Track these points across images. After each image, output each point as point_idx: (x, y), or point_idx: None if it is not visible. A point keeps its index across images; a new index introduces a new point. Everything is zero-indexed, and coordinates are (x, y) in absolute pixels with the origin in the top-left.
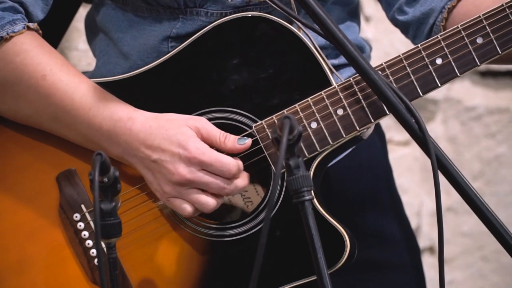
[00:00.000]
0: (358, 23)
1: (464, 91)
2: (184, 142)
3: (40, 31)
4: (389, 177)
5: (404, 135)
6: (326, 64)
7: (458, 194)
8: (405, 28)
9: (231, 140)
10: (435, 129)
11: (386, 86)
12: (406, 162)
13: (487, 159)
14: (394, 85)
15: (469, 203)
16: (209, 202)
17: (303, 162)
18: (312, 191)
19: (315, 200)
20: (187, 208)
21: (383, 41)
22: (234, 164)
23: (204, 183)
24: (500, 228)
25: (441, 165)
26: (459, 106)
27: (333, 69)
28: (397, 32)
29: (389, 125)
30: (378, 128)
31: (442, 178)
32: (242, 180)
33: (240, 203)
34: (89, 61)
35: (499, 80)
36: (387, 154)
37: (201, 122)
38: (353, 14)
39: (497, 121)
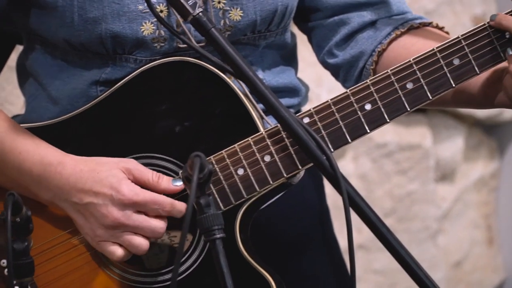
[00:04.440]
0: (295, 66)
1: None
2: (116, 184)
3: None
4: (325, 219)
5: None
6: (255, 110)
7: (371, 231)
8: (335, 71)
9: (165, 181)
10: (345, 167)
11: (297, 124)
12: None
13: (399, 196)
14: (323, 131)
15: (381, 240)
16: (143, 244)
17: (213, 201)
18: (239, 238)
19: (241, 247)
20: (117, 251)
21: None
22: (168, 201)
23: (137, 226)
24: (413, 264)
25: (353, 202)
26: (370, 143)
27: (263, 115)
28: None
29: None
30: (313, 169)
31: (353, 215)
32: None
33: (169, 249)
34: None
35: (410, 117)
36: (323, 196)
37: (132, 164)
38: (289, 57)
39: (409, 158)
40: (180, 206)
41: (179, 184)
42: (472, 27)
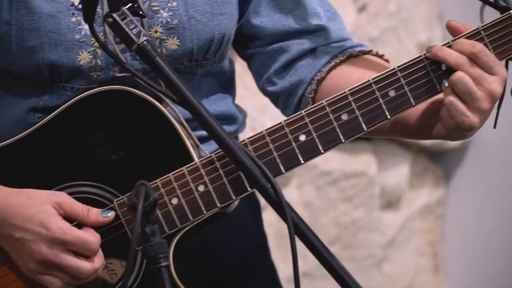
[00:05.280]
0: (233, 93)
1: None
2: (46, 221)
3: None
4: (262, 246)
5: (260, 201)
6: (190, 138)
7: (316, 259)
8: (274, 98)
9: (94, 214)
10: (290, 195)
11: (241, 151)
12: None
13: (344, 223)
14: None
15: (326, 267)
16: (72, 282)
17: (158, 229)
18: (173, 267)
19: (175, 275)
20: (56, 283)
21: None
22: (96, 242)
23: (64, 265)
24: None
25: (298, 230)
26: (315, 171)
27: (198, 143)
28: None
29: None
30: (251, 196)
31: (298, 243)
32: (99, 260)
33: (105, 276)
34: None
35: (355, 144)
36: (261, 223)
37: (63, 197)
38: (227, 85)
39: (354, 185)
40: None
41: (109, 215)
42: (417, 54)
